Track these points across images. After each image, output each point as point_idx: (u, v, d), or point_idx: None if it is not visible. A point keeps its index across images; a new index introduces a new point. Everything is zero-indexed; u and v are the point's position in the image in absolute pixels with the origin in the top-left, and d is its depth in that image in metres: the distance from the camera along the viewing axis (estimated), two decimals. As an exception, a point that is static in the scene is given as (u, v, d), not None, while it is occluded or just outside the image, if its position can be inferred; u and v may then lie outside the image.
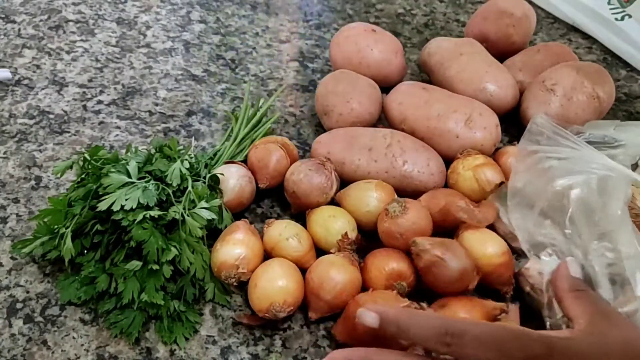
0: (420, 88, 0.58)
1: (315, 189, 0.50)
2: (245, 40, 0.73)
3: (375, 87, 0.60)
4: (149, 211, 0.43)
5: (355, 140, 0.54)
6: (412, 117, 0.56)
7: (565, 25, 0.80)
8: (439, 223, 0.48)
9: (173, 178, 0.46)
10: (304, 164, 0.51)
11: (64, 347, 0.43)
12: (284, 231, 0.47)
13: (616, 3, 0.74)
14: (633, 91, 0.70)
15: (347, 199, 0.50)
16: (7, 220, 0.51)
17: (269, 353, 0.44)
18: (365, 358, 0.36)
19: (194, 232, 0.44)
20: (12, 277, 0.47)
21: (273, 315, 0.43)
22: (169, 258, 0.43)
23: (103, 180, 0.44)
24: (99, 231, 0.44)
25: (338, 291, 0.43)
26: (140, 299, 0.42)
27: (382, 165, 0.52)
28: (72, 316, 0.45)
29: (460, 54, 0.62)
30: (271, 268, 0.45)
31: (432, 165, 0.52)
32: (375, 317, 0.37)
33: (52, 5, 0.75)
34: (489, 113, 0.56)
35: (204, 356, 0.43)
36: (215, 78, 0.67)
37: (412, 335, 0.36)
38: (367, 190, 0.50)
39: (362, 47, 0.62)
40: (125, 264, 0.43)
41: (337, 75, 0.60)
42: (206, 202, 0.46)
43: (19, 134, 0.58)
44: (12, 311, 0.45)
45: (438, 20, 0.79)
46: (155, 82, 0.66)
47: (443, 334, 0.35)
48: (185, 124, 0.61)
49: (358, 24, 0.66)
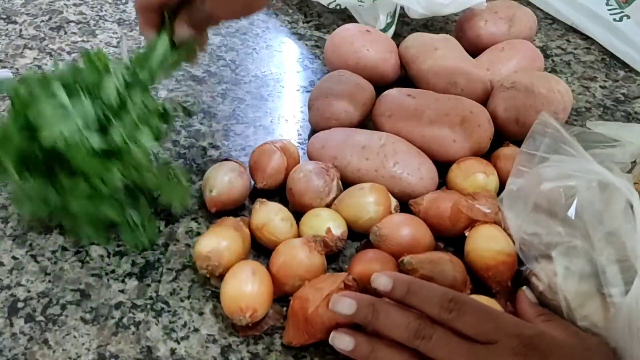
0: (405, 95, 0.58)
1: (311, 190, 0.50)
2: (246, 41, 0.73)
3: (364, 88, 0.60)
4: (88, 134, 0.42)
5: (350, 138, 0.54)
6: (405, 129, 0.56)
7: (564, 26, 0.80)
8: (448, 228, 0.49)
9: (108, 94, 0.43)
10: (309, 164, 0.51)
11: (65, 346, 0.43)
12: (278, 212, 0.48)
13: (614, 4, 0.74)
14: (631, 92, 0.70)
15: (344, 209, 0.50)
16: (9, 219, 0.51)
17: (269, 352, 0.44)
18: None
19: (137, 159, 0.42)
20: (14, 276, 0.47)
21: (238, 321, 0.42)
22: (115, 179, 0.42)
23: (32, 109, 0.42)
24: (41, 160, 0.43)
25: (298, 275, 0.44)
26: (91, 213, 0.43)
27: (373, 163, 0.52)
28: (73, 315, 0.45)
29: (435, 48, 0.63)
30: (242, 270, 0.44)
31: (422, 170, 0.52)
32: (389, 280, 0.40)
33: (53, 6, 0.75)
34: (478, 109, 0.56)
35: (204, 355, 0.43)
36: (216, 79, 0.67)
37: (421, 297, 0.39)
38: (362, 197, 0.49)
39: (359, 47, 0.63)
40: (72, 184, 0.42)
41: (331, 74, 0.61)
42: (149, 129, 0.44)
43: (20, 134, 0.59)
44: (13, 310, 0.45)
45: (437, 21, 0.79)
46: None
47: (447, 300, 0.38)
48: (185, 124, 0.61)
49: (352, 25, 0.66)
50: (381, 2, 0.68)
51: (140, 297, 0.46)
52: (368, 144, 0.53)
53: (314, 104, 0.59)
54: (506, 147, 0.57)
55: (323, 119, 0.58)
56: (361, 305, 0.40)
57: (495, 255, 0.46)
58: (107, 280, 0.47)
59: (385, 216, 0.49)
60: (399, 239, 0.47)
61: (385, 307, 0.40)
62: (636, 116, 0.67)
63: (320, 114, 0.58)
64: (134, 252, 0.49)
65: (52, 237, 0.50)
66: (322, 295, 0.42)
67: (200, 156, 0.58)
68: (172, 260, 0.49)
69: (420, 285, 0.40)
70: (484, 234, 0.47)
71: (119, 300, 0.46)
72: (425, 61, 0.63)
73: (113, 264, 0.48)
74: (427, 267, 0.44)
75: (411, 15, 0.69)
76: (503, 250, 0.46)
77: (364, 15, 0.72)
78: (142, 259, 0.49)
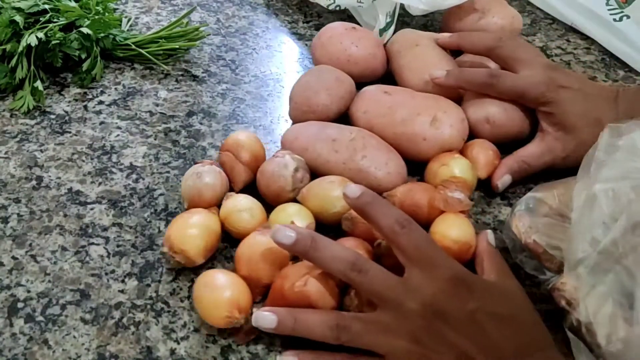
0: (382, 92, 0.58)
1: (275, 182, 0.51)
2: (246, 41, 0.73)
3: (342, 81, 0.60)
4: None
5: (322, 131, 0.55)
6: (378, 126, 0.56)
7: (564, 26, 0.80)
8: (425, 217, 0.50)
9: None
10: (274, 158, 0.52)
11: (64, 346, 0.43)
12: (238, 204, 0.49)
13: (614, 4, 0.74)
14: (631, 92, 0.70)
15: (312, 199, 0.50)
16: (9, 220, 0.51)
17: (269, 352, 0.44)
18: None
19: None
20: (13, 276, 0.47)
21: (235, 324, 0.43)
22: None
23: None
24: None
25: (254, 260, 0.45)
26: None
27: (341, 156, 0.53)
28: (72, 315, 0.45)
29: (416, 44, 0.63)
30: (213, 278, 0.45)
31: (390, 165, 0.53)
32: (358, 190, 0.43)
33: (52, 6, 0.75)
34: (453, 109, 0.56)
35: (204, 355, 0.43)
36: (216, 79, 0.67)
37: (379, 209, 0.42)
38: (330, 190, 0.50)
39: (348, 45, 0.63)
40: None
41: (312, 69, 0.62)
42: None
43: (20, 134, 0.59)
44: (13, 310, 0.45)
45: (437, 22, 0.79)
46: (156, 82, 0.66)
47: (403, 218, 0.42)
48: (185, 124, 0.61)
49: (337, 23, 0.66)
50: (380, 2, 0.68)
51: (140, 297, 0.46)
52: (338, 137, 0.54)
53: (292, 98, 0.60)
54: (473, 141, 0.57)
55: (301, 112, 0.59)
56: (301, 236, 0.41)
57: (450, 243, 0.47)
58: (107, 280, 0.47)
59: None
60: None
61: (325, 240, 0.42)
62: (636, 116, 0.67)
63: (299, 107, 0.59)
64: (134, 252, 0.49)
65: (52, 237, 0.50)
66: (301, 273, 0.43)
67: (200, 156, 0.58)
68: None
69: (381, 201, 0.43)
70: (447, 223, 0.49)
71: (119, 300, 0.46)
72: (404, 57, 0.63)
73: (113, 264, 0.48)
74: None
75: (413, 12, 0.69)
76: (456, 239, 0.47)
77: (364, 15, 0.72)
78: (142, 259, 0.49)
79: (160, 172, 0.56)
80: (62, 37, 0.62)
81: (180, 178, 0.56)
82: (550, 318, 0.47)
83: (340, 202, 0.49)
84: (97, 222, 0.52)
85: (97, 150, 0.58)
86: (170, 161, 0.57)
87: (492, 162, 0.55)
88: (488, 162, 0.55)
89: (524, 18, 0.80)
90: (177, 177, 0.56)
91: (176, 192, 0.54)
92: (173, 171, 0.56)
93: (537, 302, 0.48)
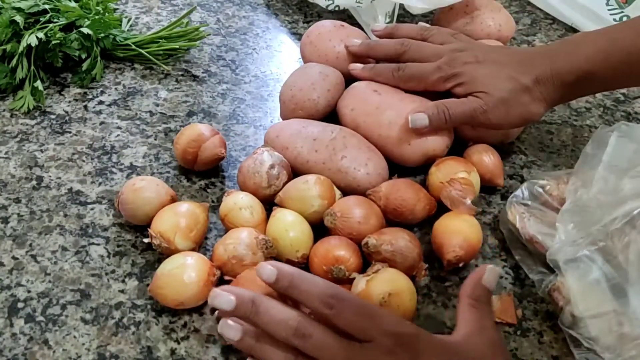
0: (372, 91, 0.58)
1: (253, 181, 0.51)
2: (246, 41, 0.73)
3: (327, 74, 0.59)
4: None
5: (304, 130, 0.54)
6: (363, 125, 0.56)
7: (564, 26, 0.80)
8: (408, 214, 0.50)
9: None
10: (253, 155, 0.52)
11: (65, 346, 0.43)
12: (239, 201, 0.49)
13: (614, 4, 0.74)
14: (631, 92, 0.70)
15: (289, 201, 0.50)
16: (9, 220, 0.51)
17: (269, 352, 0.44)
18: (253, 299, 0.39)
19: None
20: (14, 276, 0.47)
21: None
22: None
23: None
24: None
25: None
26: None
27: (321, 156, 0.53)
28: (73, 315, 0.45)
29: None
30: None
31: (370, 165, 0.52)
32: (273, 270, 0.40)
33: (53, 6, 0.75)
34: None
35: (204, 355, 0.43)
36: (216, 79, 0.67)
37: (302, 290, 0.39)
38: (306, 190, 0.50)
39: (337, 42, 0.63)
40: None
41: (298, 69, 0.62)
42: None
43: (20, 134, 0.59)
44: (13, 311, 0.45)
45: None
46: (156, 82, 0.66)
47: (328, 295, 0.38)
48: (186, 124, 0.61)
49: (326, 21, 0.66)
50: (379, 2, 0.68)
51: (140, 297, 0.46)
52: (319, 136, 0.53)
53: (281, 98, 0.60)
54: (473, 146, 0.56)
55: (290, 110, 0.58)
56: (240, 301, 0.39)
57: (462, 242, 0.47)
58: (107, 280, 0.47)
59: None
60: (353, 214, 0.48)
61: (266, 303, 0.39)
62: (636, 116, 0.67)
63: (287, 106, 0.59)
64: (134, 252, 0.49)
65: (52, 237, 0.50)
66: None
67: (200, 156, 0.58)
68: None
69: (303, 279, 0.40)
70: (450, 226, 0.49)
71: (119, 300, 0.46)
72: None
73: (113, 264, 0.48)
74: (388, 250, 0.46)
75: (413, 11, 0.69)
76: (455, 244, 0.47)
77: (363, 15, 0.72)
78: (142, 259, 0.49)
79: (160, 172, 0.56)
80: (62, 37, 0.62)
81: (180, 178, 0.56)
82: (551, 318, 0.47)
83: (317, 201, 0.49)
84: (98, 222, 0.52)
85: (97, 150, 0.58)
86: (170, 161, 0.57)
87: (498, 165, 0.55)
88: (496, 166, 0.55)
89: (524, 18, 0.80)
90: (177, 177, 0.56)
91: (176, 192, 0.54)
92: (173, 171, 0.57)
93: (537, 302, 0.48)
